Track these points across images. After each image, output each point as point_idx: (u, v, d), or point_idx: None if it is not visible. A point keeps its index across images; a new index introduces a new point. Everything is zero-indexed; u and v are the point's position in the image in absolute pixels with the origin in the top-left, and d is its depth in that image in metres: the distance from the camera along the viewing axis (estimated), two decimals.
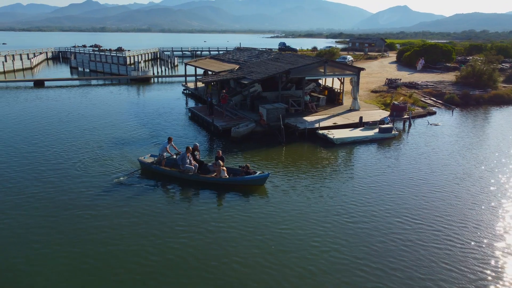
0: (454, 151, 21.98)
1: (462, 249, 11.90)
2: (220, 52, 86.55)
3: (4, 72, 55.43)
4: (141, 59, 74.91)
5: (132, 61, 64.57)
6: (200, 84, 38.77)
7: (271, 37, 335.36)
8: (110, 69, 55.84)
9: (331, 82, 33.45)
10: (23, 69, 59.61)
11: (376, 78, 45.77)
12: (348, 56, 63.19)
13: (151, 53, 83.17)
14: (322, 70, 27.65)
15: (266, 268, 10.88)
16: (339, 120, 25.81)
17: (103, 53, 67.08)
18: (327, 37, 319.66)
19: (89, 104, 34.01)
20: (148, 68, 53.96)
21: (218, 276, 10.52)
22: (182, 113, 31.06)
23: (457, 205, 14.98)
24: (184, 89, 41.84)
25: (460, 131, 26.30)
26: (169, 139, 18.21)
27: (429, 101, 35.14)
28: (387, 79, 41.26)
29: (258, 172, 16.70)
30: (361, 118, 25.15)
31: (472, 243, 12.26)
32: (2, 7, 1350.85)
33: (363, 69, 29.78)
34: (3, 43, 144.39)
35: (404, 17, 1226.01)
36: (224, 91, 27.85)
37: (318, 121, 24.60)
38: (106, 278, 10.43)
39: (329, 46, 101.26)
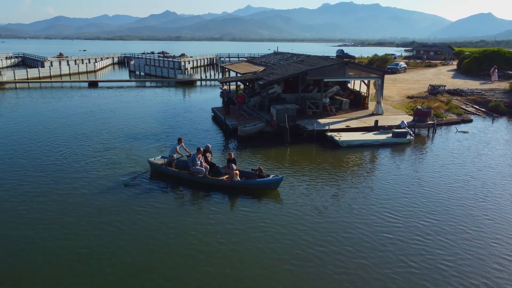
0: (468, 156, 20.33)
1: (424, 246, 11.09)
2: None
3: (69, 74, 61.03)
4: (197, 64, 78.07)
5: (187, 66, 67.60)
6: (233, 87, 39.53)
7: (339, 45, 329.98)
8: (161, 72, 59.05)
9: (359, 85, 32.36)
10: (87, 72, 65.03)
11: (421, 84, 43.35)
12: (401, 63, 60.65)
13: (208, 58, 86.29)
14: (343, 73, 26.98)
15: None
16: (354, 123, 24.96)
17: (159, 58, 70.82)
18: (397, 45, 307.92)
19: (123, 102, 36.34)
20: (195, 72, 56.12)
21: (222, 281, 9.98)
22: (208, 113, 31.91)
23: (443, 205, 13.90)
24: (221, 92, 42.89)
25: (490, 139, 24.12)
26: (179, 140, 17.45)
27: (470, 109, 32.65)
28: (430, 85, 39.00)
29: (271, 176, 15.74)
30: (376, 121, 24.12)
31: (435, 239, 11.35)
32: (91, 18, 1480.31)
33: (387, 72, 28.66)
34: (84, 50, 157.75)
35: (487, 25, 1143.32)
36: (241, 91, 28.18)
37: (329, 123, 23.97)
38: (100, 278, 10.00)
39: (390, 54, 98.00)
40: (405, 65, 60.56)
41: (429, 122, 25.50)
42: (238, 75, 34.13)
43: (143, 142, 22.64)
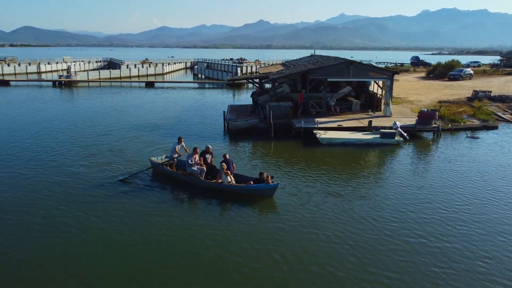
0: (455, 162, 19.06)
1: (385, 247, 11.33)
2: None
3: (138, 76, 67.41)
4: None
5: (249, 71, 70.27)
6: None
7: (431, 54, 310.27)
8: (217, 75, 62.49)
9: (376, 88, 31.38)
10: (155, 74, 71.10)
11: (469, 91, 40.21)
12: (466, 69, 56.46)
13: (272, 64, 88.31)
14: (348, 73, 26.72)
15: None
16: (348, 123, 24.63)
17: (216, 62, 74.25)
18: (500, 54, 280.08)
19: (157, 99, 39.61)
20: (246, 75, 58.32)
21: None
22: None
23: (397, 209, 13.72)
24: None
25: (496, 146, 22.10)
26: (179, 139, 16.73)
27: (507, 116, 29.84)
28: (473, 90, 36.19)
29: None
30: (370, 122, 23.57)
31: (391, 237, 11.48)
32: (191, 28, 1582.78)
33: (396, 73, 27.58)
34: (172, 56, 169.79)
35: None
36: (304, 91, 28.26)
37: (317, 122, 23.98)
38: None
39: (476, 62, 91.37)
40: (471, 72, 56.28)
41: (434, 125, 24.14)
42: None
43: (145, 137, 24.79)
